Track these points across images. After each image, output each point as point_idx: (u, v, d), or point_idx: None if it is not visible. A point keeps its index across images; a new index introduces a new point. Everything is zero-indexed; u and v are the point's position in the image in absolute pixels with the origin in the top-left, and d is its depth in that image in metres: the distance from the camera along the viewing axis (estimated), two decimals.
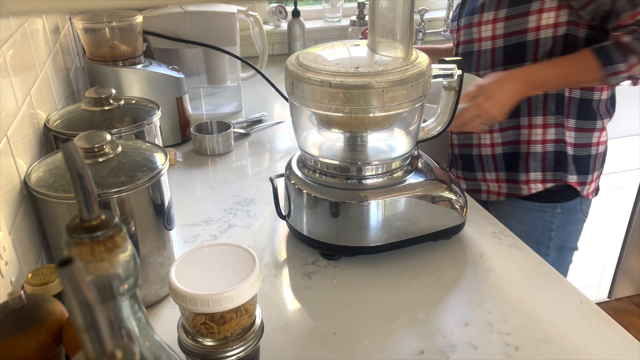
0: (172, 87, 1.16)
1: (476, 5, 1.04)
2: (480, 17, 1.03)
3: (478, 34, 1.04)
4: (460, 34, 1.09)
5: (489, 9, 1.01)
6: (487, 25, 1.02)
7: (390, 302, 0.72)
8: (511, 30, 1.00)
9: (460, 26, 1.09)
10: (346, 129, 0.78)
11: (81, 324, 0.24)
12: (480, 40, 1.05)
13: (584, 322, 0.68)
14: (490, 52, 1.04)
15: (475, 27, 1.04)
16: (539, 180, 1.08)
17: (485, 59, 1.05)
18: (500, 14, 1.00)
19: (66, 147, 0.28)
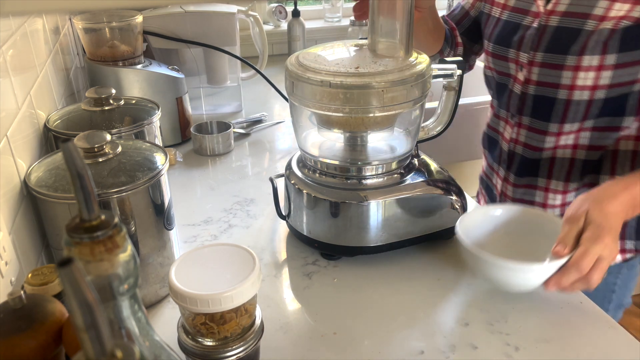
0: (172, 87, 1.16)
1: (573, 45, 0.82)
2: (578, 60, 0.82)
3: (572, 80, 0.84)
4: (533, 71, 0.88)
5: (593, 52, 0.81)
6: (588, 72, 0.82)
7: (390, 302, 0.72)
8: (619, 80, 0.81)
9: (533, 61, 0.88)
10: (346, 129, 0.78)
11: (81, 324, 0.24)
12: (573, 87, 0.84)
13: (584, 322, 0.68)
14: (586, 104, 0.84)
15: (568, 72, 0.83)
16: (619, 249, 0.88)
17: (577, 110, 0.85)
18: (608, 60, 0.80)
19: (66, 147, 0.28)
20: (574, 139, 0.89)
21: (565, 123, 0.87)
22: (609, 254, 0.66)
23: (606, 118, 0.85)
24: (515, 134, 0.95)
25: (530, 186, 0.96)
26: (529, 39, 0.88)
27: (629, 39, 0.79)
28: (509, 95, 0.95)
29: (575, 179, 0.91)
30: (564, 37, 0.84)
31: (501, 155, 1.01)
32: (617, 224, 0.69)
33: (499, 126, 1.00)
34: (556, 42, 0.85)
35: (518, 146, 0.95)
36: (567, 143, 0.90)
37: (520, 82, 0.92)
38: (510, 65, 0.93)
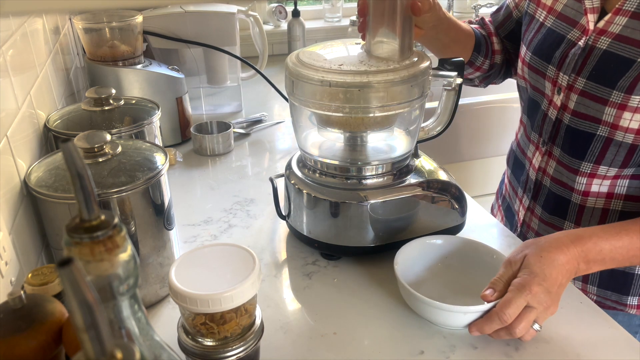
0: (172, 87, 1.16)
1: (621, 79, 0.71)
2: (625, 98, 0.70)
3: (614, 119, 0.72)
4: (571, 98, 0.77)
5: (609, 164, 0.72)
6: (636, 114, 0.70)
7: (390, 302, 0.72)
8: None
9: (573, 85, 0.77)
10: (346, 129, 0.78)
11: (81, 324, 0.24)
12: (615, 127, 0.73)
13: (584, 322, 0.68)
14: (629, 148, 0.73)
15: (612, 109, 0.72)
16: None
17: (618, 152, 0.74)
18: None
19: (66, 147, 0.28)
20: (610, 186, 0.78)
21: (601, 165, 0.77)
22: (538, 305, 0.61)
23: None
24: (544, 164, 0.85)
25: (556, 227, 0.85)
26: (572, 58, 0.77)
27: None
28: (542, 118, 0.84)
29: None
30: (612, 65, 0.72)
31: (527, 183, 0.90)
32: (556, 274, 0.63)
33: (528, 149, 0.89)
34: (603, 69, 0.73)
35: (546, 178, 0.85)
36: (601, 190, 0.79)
37: (557, 107, 0.80)
38: (547, 85, 0.82)
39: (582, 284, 0.86)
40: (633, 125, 0.71)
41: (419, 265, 0.73)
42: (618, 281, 0.83)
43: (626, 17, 0.71)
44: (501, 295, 0.62)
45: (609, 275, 0.83)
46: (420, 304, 0.65)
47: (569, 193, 0.82)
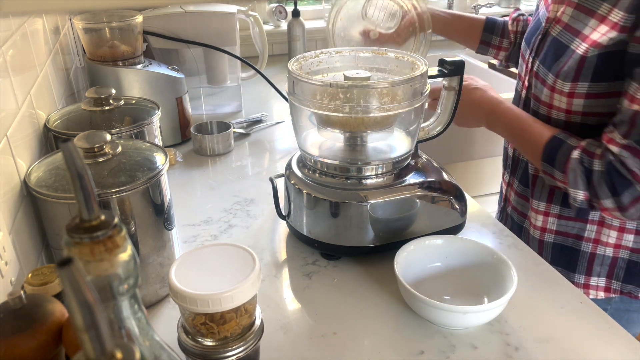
0: (172, 87, 1.16)
1: (554, 64, 0.82)
2: (554, 81, 0.82)
3: (550, 99, 0.84)
4: (532, 79, 0.89)
5: (565, 78, 0.80)
6: (562, 96, 0.81)
7: (390, 302, 0.72)
8: (593, 110, 0.80)
9: (533, 69, 0.88)
10: (346, 129, 0.78)
11: (81, 324, 0.24)
12: (550, 107, 0.85)
13: (584, 322, 0.68)
14: (564, 124, 0.84)
15: (547, 90, 0.84)
16: (602, 287, 0.90)
17: (557, 126, 0.84)
18: (579, 88, 0.79)
19: (66, 147, 0.28)
20: None
21: None
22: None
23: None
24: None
25: (524, 197, 0.95)
26: (535, 44, 0.88)
27: (600, 69, 0.76)
28: (518, 98, 0.96)
29: (557, 202, 0.89)
30: (555, 50, 0.82)
31: (507, 160, 1.01)
32: (469, 101, 0.87)
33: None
34: (549, 54, 0.83)
35: (517, 151, 0.96)
36: None
37: (525, 87, 0.92)
38: (523, 67, 0.93)
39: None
40: (562, 106, 0.82)
41: (419, 265, 0.73)
42: (567, 257, 0.90)
43: (572, 7, 0.81)
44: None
45: (559, 251, 0.91)
46: (420, 304, 0.65)
47: (531, 166, 0.93)
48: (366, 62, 0.83)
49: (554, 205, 0.89)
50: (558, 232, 0.90)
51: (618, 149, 0.73)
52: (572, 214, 0.88)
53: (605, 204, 0.75)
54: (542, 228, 0.91)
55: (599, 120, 0.79)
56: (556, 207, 0.89)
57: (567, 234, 0.89)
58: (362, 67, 0.83)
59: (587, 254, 0.89)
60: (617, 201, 0.74)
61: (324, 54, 0.83)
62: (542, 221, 0.91)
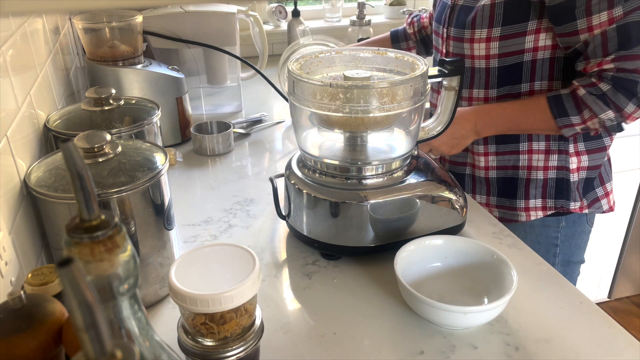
0: (172, 87, 1.16)
1: (467, 19, 0.96)
2: (472, 33, 0.95)
3: (470, 50, 0.97)
4: (450, 44, 1.02)
5: (481, 26, 0.94)
6: (480, 44, 0.95)
7: (390, 302, 0.72)
8: (507, 50, 0.93)
9: (449, 35, 1.02)
10: (346, 129, 0.78)
11: (81, 324, 0.24)
12: (472, 57, 0.98)
13: (584, 322, 0.68)
14: (485, 72, 0.97)
15: (467, 43, 0.97)
16: (539, 207, 1.03)
17: (480, 77, 0.98)
18: (494, 33, 0.93)
19: (66, 147, 0.28)
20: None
21: (473, 89, 1.00)
22: (434, 151, 0.98)
23: (506, 87, 0.96)
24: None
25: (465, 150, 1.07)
26: (445, 16, 1.03)
27: (509, 13, 0.91)
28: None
29: (492, 143, 1.02)
30: (464, 13, 0.98)
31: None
32: (458, 128, 0.96)
33: (432, 97, 1.14)
34: (460, 18, 0.99)
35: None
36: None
37: (443, 54, 1.05)
38: (439, 40, 1.07)
39: (487, 197, 1.07)
40: (548, 43, 0.91)
41: (419, 265, 0.73)
42: (509, 188, 1.04)
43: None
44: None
45: (503, 183, 1.04)
46: (420, 304, 0.65)
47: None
48: (366, 62, 0.83)
49: (490, 144, 1.02)
50: (499, 167, 1.03)
51: (610, 65, 0.84)
52: (507, 149, 1.01)
53: (628, 110, 0.85)
54: (485, 167, 1.05)
55: (515, 59, 0.94)
56: (492, 146, 1.02)
57: (506, 167, 1.03)
58: (362, 67, 0.83)
59: (524, 180, 1.02)
60: (636, 101, 0.85)
61: (323, 54, 0.83)
62: (484, 161, 1.04)
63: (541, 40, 0.91)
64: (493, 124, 0.95)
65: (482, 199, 1.08)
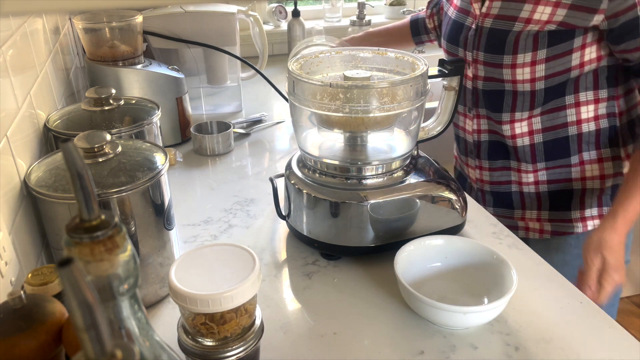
0: (172, 87, 1.16)
1: (506, 45, 0.93)
2: (513, 58, 0.93)
3: (512, 76, 0.95)
4: (479, 68, 0.99)
5: (524, 50, 0.92)
6: (524, 68, 0.93)
7: (390, 302, 0.72)
8: (554, 71, 0.92)
9: (477, 59, 0.99)
10: (346, 129, 0.78)
11: (81, 324, 0.24)
12: (515, 82, 0.95)
13: (584, 322, 0.68)
14: (530, 94, 0.96)
15: (507, 69, 0.94)
16: (596, 216, 1.03)
17: (523, 100, 0.96)
18: (539, 55, 0.92)
19: (66, 147, 0.28)
20: (527, 125, 1.00)
21: (515, 112, 0.99)
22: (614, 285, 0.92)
23: (550, 103, 0.96)
24: (476, 125, 1.06)
25: (505, 168, 1.06)
26: (470, 39, 1.00)
27: (553, 35, 0.90)
28: (464, 91, 1.04)
29: (541, 160, 1.02)
30: (497, 37, 0.96)
31: (467, 147, 1.11)
32: (617, 251, 0.91)
33: (459, 121, 1.11)
34: (491, 42, 0.96)
35: (483, 134, 1.05)
36: (523, 130, 1.00)
37: (470, 78, 1.02)
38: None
39: (538, 212, 1.06)
40: (593, 56, 0.92)
41: (419, 265, 0.73)
42: (563, 201, 1.03)
43: (500, 0, 0.95)
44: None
45: (555, 197, 1.03)
46: (420, 304, 0.65)
47: (502, 139, 1.03)
48: (366, 62, 0.83)
49: (539, 162, 1.02)
50: (550, 181, 1.03)
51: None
52: (557, 164, 1.01)
53: None
54: (535, 182, 1.04)
55: (561, 78, 0.93)
56: (542, 163, 1.02)
57: (558, 180, 1.03)
58: (362, 67, 0.83)
59: (579, 191, 1.02)
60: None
61: (323, 54, 0.83)
62: (533, 177, 1.04)
63: (587, 55, 0.91)
64: (630, 220, 0.92)
65: (532, 215, 1.07)
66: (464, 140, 1.11)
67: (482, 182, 1.10)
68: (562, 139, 0.99)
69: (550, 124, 0.98)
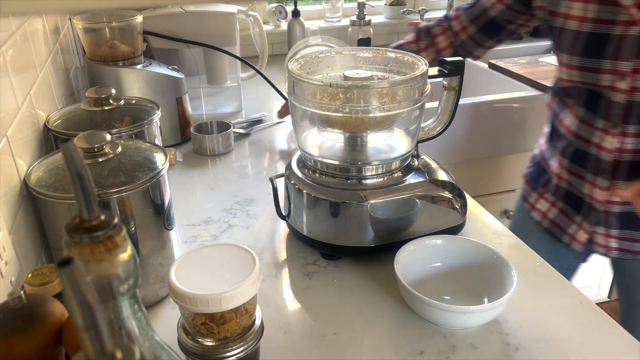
0: (172, 87, 1.16)
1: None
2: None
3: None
4: (639, 78, 0.88)
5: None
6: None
7: (390, 302, 0.72)
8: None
9: (637, 68, 0.87)
10: (346, 129, 0.78)
11: (81, 324, 0.24)
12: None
13: (584, 322, 0.68)
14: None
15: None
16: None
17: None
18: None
19: (66, 147, 0.28)
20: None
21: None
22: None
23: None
24: (618, 143, 0.93)
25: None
26: (629, 47, 0.87)
27: None
28: (607, 105, 0.93)
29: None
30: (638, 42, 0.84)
31: (599, 166, 0.98)
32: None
33: (593, 136, 0.97)
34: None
35: (625, 154, 0.94)
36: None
37: (623, 91, 0.90)
38: (605, 77, 0.91)
39: (605, 228, 0.99)
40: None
41: (419, 265, 0.73)
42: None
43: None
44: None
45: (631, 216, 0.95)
46: (420, 304, 0.65)
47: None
48: (366, 62, 0.83)
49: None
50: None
51: None
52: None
53: None
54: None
55: None
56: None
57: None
58: (362, 67, 0.83)
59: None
60: None
61: (323, 54, 0.83)
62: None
63: None
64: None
65: (601, 230, 1.00)
66: (596, 158, 0.98)
67: (611, 204, 0.99)
68: None
69: None
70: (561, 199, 1.07)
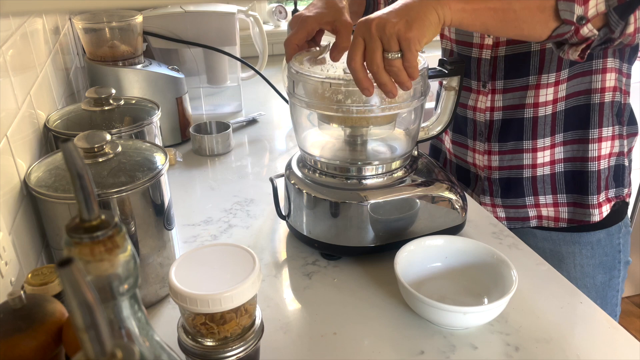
0: (172, 87, 1.16)
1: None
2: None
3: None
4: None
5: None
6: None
7: (390, 302, 0.72)
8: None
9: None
10: (347, 124, 0.78)
11: (81, 324, 0.24)
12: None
13: (584, 322, 0.68)
14: (557, 59, 0.88)
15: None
16: (605, 200, 0.95)
17: (552, 59, 0.88)
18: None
19: (66, 147, 0.28)
20: (553, 93, 0.90)
21: (542, 74, 0.88)
22: (381, 31, 0.61)
23: (577, 66, 0.87)
24: (490, 102, 0.95)
25: (518, 150, 0.97)
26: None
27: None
28: (477, 63, 0.94)
29: (559, 131, 0.93)
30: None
31: (476, 129, 1.00)
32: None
33: (469, 100, 0.98)
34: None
35: (497, 112, 0.95)
36: (547, 99, 0.90)
37: (489, 47, 0.92)
38: (475, 34, 0.94)
39: (553, 196, 0.97)
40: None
41: (419, 265, 0.73)
42: (579, 183, 0.94)
43: None
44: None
45: (572, 178, 0.94)
46: (420, 304, 0.65)
47: (521, 111, 0.92)
48: None
49: (558, 134, 0.93)
50: (566, 159, 0.94)
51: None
52: (576, 136, 0.92)
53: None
54: (552, 162, 0.95)
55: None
56: (559, 135, 0.93)
57: (575, 159, 0.94)
58: None
59: (595, 173, 0.93)
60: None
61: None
62: (550, 154, 0.94)
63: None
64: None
65: (547, 200, 0.97)
66: (473, 122, 1.00)
67: (491, 169, 0.99)
68: (584, 107, 0.90)
69: (574, 89, 0.90)
70: (454, 174, 1.09)
